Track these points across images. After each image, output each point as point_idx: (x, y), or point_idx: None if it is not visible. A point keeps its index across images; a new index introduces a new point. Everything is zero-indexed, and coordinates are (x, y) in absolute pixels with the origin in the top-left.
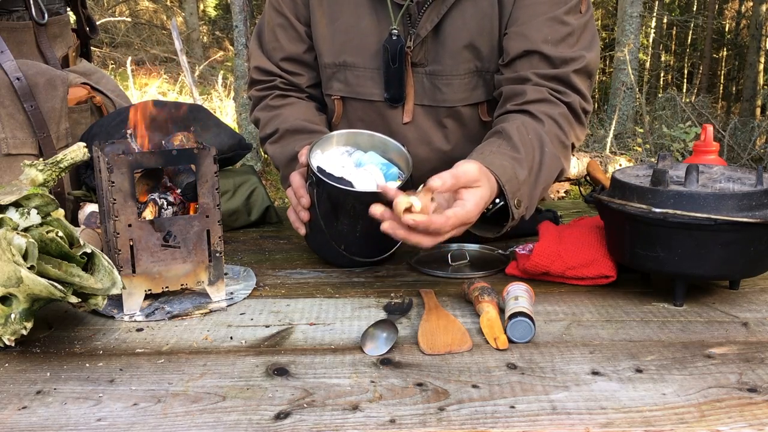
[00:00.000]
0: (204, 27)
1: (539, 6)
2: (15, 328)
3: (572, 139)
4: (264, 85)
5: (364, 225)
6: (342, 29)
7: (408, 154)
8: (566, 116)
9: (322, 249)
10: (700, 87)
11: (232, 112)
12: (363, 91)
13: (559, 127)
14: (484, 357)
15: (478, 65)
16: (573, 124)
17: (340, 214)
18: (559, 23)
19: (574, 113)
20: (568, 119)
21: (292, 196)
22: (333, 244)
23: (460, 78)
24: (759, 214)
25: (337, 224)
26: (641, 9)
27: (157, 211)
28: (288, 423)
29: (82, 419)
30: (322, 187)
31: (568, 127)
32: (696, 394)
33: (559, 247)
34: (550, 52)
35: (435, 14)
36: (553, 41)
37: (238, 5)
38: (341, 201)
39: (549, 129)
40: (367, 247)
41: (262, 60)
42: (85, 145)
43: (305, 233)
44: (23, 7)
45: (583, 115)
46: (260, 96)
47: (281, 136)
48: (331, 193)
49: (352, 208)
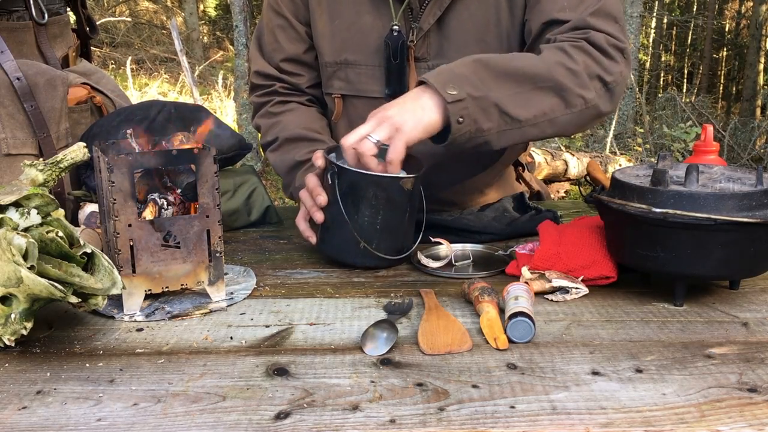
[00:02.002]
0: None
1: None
2: (15, 328)
3: (581, 66)
4: (264, 90)
5: (385, 217)
6: (342, 27)
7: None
8: (580, 47)
9: (341, 250)
10: (700, 87)
11: (232, 112)
12: (364, 88)
13: (563, 52)
14: (484, 357)
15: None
16: (593, 54)
17: (361, 205)
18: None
19: (595, 46)
20: (582, 49)
21: (306, 197)
22: (355, 235)
23: None
24: (759, 214)
25: (357, 217)
26: (641, 9)
27: (157, 211)
28: (288, 423)
29: (82, 419)
30: (344, 176)
31: (577, 55)
32: (696, 394)
33: (559, 248)
34: (567, 16)
35: (437, 7)
36: (570, 7)
37: (238, 5)
38: (363, 189)
39: (545, 55)
40: (387, 241)
41: (262, 64)
42: (85, 145)
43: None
44: (23, 7)
45: (612, 50)
46: (261, 102)
47: (281, 144)
48: (353, 180)
49: (373, 196)
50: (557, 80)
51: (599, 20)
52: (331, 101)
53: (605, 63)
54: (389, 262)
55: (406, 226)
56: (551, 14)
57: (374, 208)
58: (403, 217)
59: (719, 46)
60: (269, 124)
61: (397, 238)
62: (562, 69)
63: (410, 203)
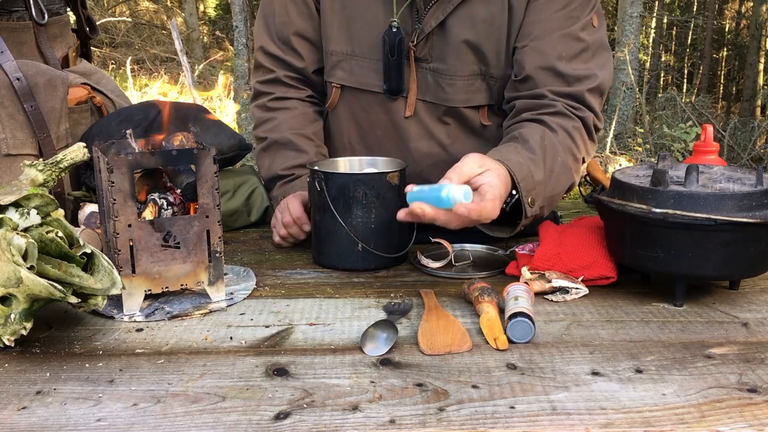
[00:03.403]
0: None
1: (553, 22)
2: (15, 328)
3: (583, 153)
4: (267, 77)
5: (378, 215)
6: (350, 18)
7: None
8: (579, 130)
9: (339, 257)
10: (700, 87)
11: (232, 112)
12: (364, 81)
13: (572, 139)
14: (484, 357)
15: (482, 68)
16: (585, 139)
17: (353, 206)
18: (573, 39)
19: (587, 129)
20: (581, 133)
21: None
22: (353, 237)
23: (463, 79)
24: (759, 214)
25: (351, 219)
26: (641, 9)
27: (157, 212)
28: (288, 423)
29: (81, 419)
30: (331, 180)
31: (580, 141)
32: (696, 395)
33: (559, 249)
34: (565, 69)
35: (441, 11)
36: (567, 57)
37: (238, 5)
38: (352, 189)
39: (562, 140)
40: (384, 239)
41: (266, 41)
42: (85, 145)
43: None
44: (23, 7)
45: (594, 132)
46: (261, 91)
47: (269, 145)
48: (342, 183)
49: (363, 195)
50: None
51: (594, 98)
52: (330, 89)
53: (589, 147)
54: (389, 261)
55: (399, 223)
56: (550, 61)
57: (366, 207)
58: (396, 214)
59: (719, 46)
60: (264, 118)
61: (393, 235)
62: (571, 159)
63: (400, 199)
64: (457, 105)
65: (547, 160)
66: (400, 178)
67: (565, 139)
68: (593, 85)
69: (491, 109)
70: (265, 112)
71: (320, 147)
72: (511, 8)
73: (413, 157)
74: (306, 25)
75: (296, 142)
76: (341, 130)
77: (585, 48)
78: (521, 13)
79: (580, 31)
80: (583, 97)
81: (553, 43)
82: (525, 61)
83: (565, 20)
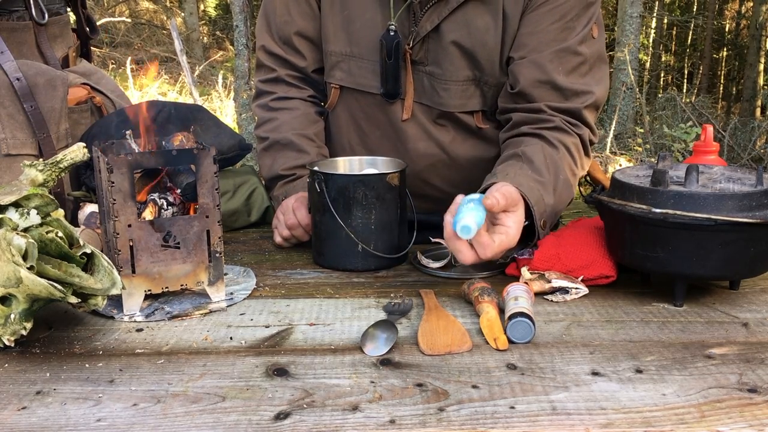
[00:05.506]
0: (204, 27)
1: (549, 34)
2: (15, 328)
3: (581, 170)
4: (269, 76)
5: (378, 216)
6: (349, 18)
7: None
8: (577, 146)
9: (340, 258)
10: (700, 87)
11: (232, 112)
12: (363, 82)
13: (571, 156)
14: (484, 357)
15: (476, 74)
16: (582, 155)
17: (353, 207)
18: (571, 53)
19: (584, 145)
20: (578, 149)
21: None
22: (353, 238)
23: (457, 84)
24: (759, 214)
25: (351, 220)
26: (641, 9)
27: (157, 212)
28: (288, 423)
29: (81, 419)
30: (331, 181)
31: (578, 157)
32: (696, 395)
33: (558, 250)
34: (563, 83)
35: (436, 16)
36: (564, 71)
37: (238, 5)
38: (351, 190)
39: (563, 156)
40: (384, 240)
41: (268, 40)
42: (84, 145)
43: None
44: (23, 7)
45: (589, 147)
46: (263, 91)
47: (270, 145)
48: (342, 184)
49: (363, 196)
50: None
51: (590, 114)
52: (329, 89)
53: (585, 163)
54: (389, 261)
55: (399, 223)
56: (547, 75)
57: (366, 208)
58: (396, 214)
59: (719, 47)
60: (266, 118)
61: (393, 235)
62: (571, 175)
63: (400, 200)
64: (451, 110)
65: (553, 181)
66: (400, 179)
67: (566, 156)
68: (590, 102)
69: (485, 113)
70: (267, 112)
71: (321, 148)
72: (506, 17)
73: (412, 158)
74: (307, 25)
75: (297, 143)
76: (341, 130)
77: (583, 62)
78: (516, 22)
79: (578, 44)
80: (581, 113)
81: (549, 57)
82: (521, 73)
83: (561, 32)
